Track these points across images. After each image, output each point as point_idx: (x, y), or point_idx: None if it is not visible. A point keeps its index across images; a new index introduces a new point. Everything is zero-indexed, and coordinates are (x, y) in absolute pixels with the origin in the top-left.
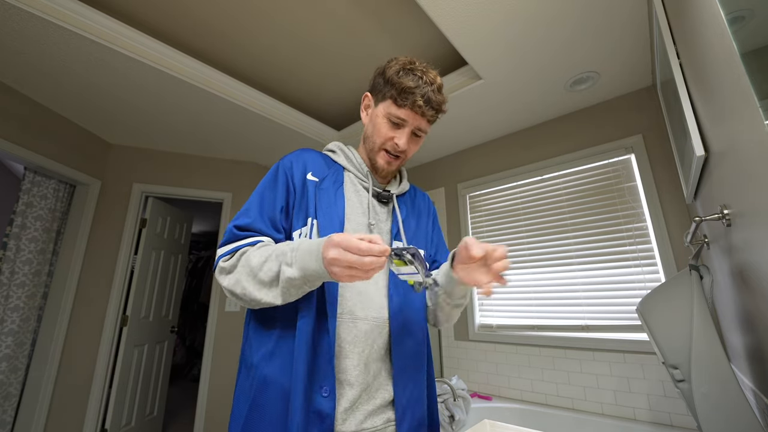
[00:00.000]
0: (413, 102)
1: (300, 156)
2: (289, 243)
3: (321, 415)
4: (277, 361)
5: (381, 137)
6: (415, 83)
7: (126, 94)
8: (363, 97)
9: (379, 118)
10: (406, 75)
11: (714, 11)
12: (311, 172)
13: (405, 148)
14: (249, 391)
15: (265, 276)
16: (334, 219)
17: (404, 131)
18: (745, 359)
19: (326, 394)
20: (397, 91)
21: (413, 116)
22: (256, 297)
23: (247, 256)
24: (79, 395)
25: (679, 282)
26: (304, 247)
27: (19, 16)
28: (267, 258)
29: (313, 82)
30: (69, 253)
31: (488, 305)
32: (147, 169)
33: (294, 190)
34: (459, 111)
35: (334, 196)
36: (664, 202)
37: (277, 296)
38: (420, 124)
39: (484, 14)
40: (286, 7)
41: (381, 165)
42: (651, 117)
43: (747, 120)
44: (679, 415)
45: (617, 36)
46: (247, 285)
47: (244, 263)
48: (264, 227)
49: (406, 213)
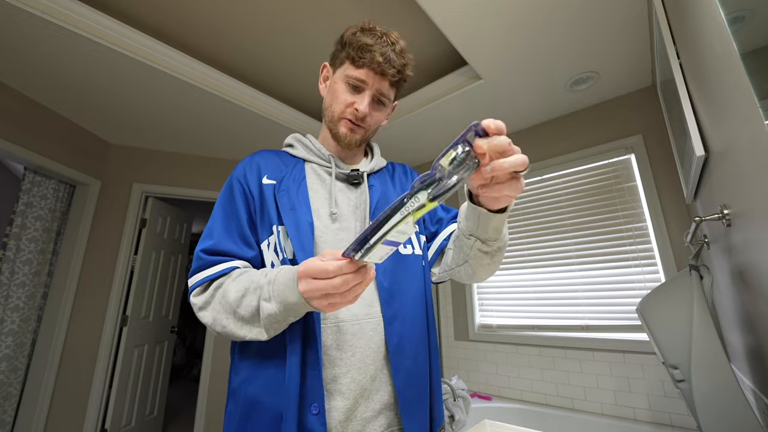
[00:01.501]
0: (371, 59)
1: (252, 161)
2: (265, 273)
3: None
4: (261, 381)
5: (340, 104)
6: (374, 41)
7: (126, 94)
8: (321, 68)
9: (338, 84)
10: (363, 34)
11: (714, 11)
12: (266, 175)
13: (366, 112)
14: (234, 415)
15: (245, 312)
16: (300, 221)
17: (365, 95)
18: (745, 359)
19: (316, 412)
20: (354, 49)
21: (373, 76)
22: (239, 335)
23: (222, 290)
24: (79, 395)
25: (679, 282)
26: (281, 278)
27: (19, 16)
28: (245, 292)
29: (313, 82)
30: (69, 253)
31: (488, 305)
32: (147, 169)
33: (252, 198)
34: (459, 111)
35: (296, 195)
36: (664, 202)
37: (261, 332)
38: (381, 86)
39: (484, 14)
40: (286, 7)
41: (343, 133)
42: (651, 117)
43: (747, 120)
44: (679, 415)
45: (617, 36)
46: (227, 323)
47: (220, 299)
48: (233, 246)
49: (381, 190)
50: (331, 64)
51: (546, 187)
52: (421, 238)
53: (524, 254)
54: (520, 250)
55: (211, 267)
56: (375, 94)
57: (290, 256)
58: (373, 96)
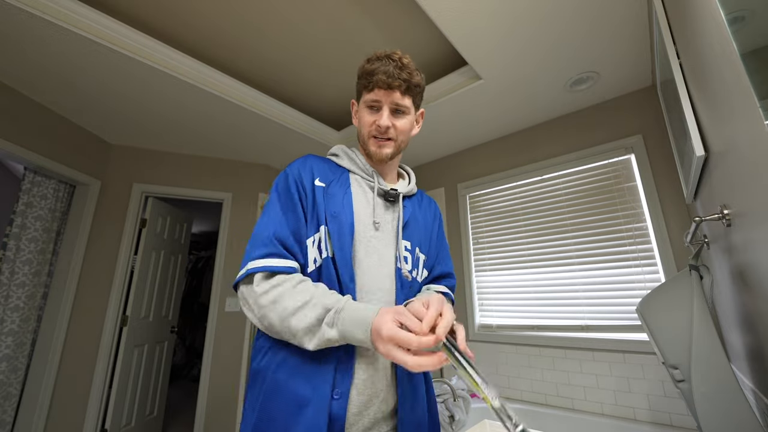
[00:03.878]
0: (377, 79)
1: (305, 163)
2: (328, 295)
3: (332, 417)
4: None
5: (365, 126)
6: (377, 65)
7: (126, 94)
8: (351, 104)
9: (361, 111)
10: (369, 63)
11: (714, 11)
12: (318, 177)
13: (387, 124)
14: (258, 396)
15: (297, 323)
16: (343, 225)
17: (383, 111)
18: (745, 359)
19: (338, 397)
20: (363, 78)
21: (383, 93)
22: (282, 335)
23: (280, 292)
24: (79, 395)
25: (679, 282)
26: (350, 315)
27: (20, 17)
28: (303, 305)
29: (313, 82)
30: (69, 253)
31: (488, 305)
32: (147, 169)
33: (305, 196)
34: (459, 111)
35: (342, 200)
36: (664, 202)
37: (307, 344)
38: (393, 98)
39: (483, 14)
40: (286, 8)
41: (374, 151)
42: (651, 117)
43: (747, 120)
44: (679, 415)
45: (617, 36)
46: (274, 323)
47: (276, 298)
48: (294, 245)
49: (411, 212)
50: (357, 100)
51: (546, 187)
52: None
53: (524, 254)
54: (520, 250)
55: (280, 258)
56: (391, 106)
57: (331, 255)
58: (390, 109)
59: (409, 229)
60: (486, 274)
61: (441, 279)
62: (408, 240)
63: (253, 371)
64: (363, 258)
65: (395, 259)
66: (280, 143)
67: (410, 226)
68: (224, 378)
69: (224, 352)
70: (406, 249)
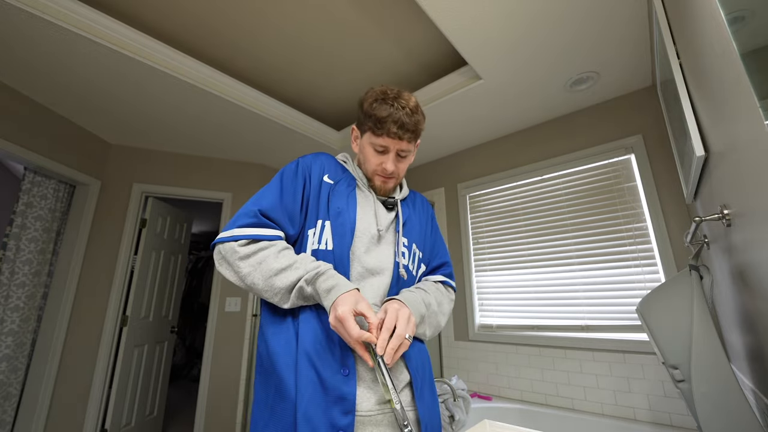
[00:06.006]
0: (388, 130)
1: (318, 157)
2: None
3: (341, 395)
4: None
5: (371, 165)
6: (387, 112)
7: (126, 94)
8: (351, 130)
9: (366, 148)
10: (379, 105)
11: (714, 11)
12: (327, 174)
13: (392, 169)
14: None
15: (281, 282)
16: (346, 223)
17: (389, 156)
18: (745, 359)
19: (346, 374)
20: (373, 122)
21: (392, 142)
22: (263, 295)
23: (265, 255)
24: (79, 395)
25: (679, 282)
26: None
27: (19, 17)
28: (288, 266)
29: (313, 83)
30: (69, 253)
31: (488, 305)
32: (147, 169)
33: (310, 188)
34: (459, 111)
35: (346, 199)
36: (664, 202)
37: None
38: (400, 146)
39: (484, 14)
40: (286, 8)
41: (378, 185)
42: (651, 117)
43: (747, 120)
44: (679, 415)
45: (617, 36)
46: (257, 282)
47: (261, 260)
48: (282, 219)
49: (408, 215)
50: (358, 127)
51: (546, 187)
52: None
53: (524, 254)
54: (520, 250)
55: (263, 228)
56: (397, 152)
57: (330, 248)
58: (396, 153)
59: (407, 228)
60: (486, 274)
61: (438, 269)
62: (406, 237)
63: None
64: (362, 255)
65: (394, 254)
66: (280, 143)
67: (407, 226)
68: (224, 378)
69: (224, 352)
70: (404, 245)
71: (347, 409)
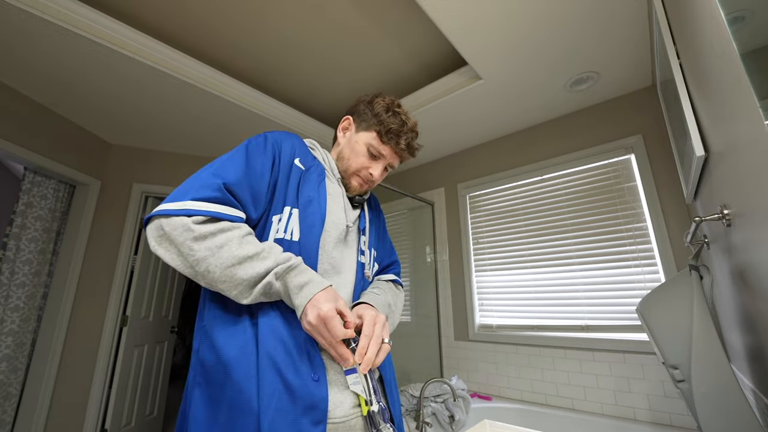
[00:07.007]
0: (396, 143)
1: (289, 137)
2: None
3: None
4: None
5: (357, 164)
6: (400, 126)
7: (126, 94)
8: (343, 119)
9: (359, 146)
10: (393, 116)
11: (714, 11)
12: (299, 158)
13: (378, 178)
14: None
15: (245, 273)
16: (316, 213)
17: (380, 164)
18: (745, 359)
19: (317, 378)
20: (384, 128)
21: (392, 154)
22: (217, 286)
23: (226, 238)
24: (79, 395)
25: (679, 282)
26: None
27: (19, 17)
28: (255, 254)
29: (313, 82)
30: (69, 253)
31: (488, 305)
32: (147, 169)
33: (279, 168)
34: (459, 111)
35: (317, 189)
36: (664, 202)
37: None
38: (394, 162)
39: (484, 14)
40: (286, 8)
41: (354, 187)
42: (651, 117)
43: (747, 120)
44: (679, 415)
45: (617, 36)
46: (214, 270)
47: (221, 245)
48: (246, 198)
49: (371, 216)
50: (355, 120)
51: (546, 187)
52: (375, 266)
53: (524, 254)
54: (520, 250)
55: (226, 206)
56: (387, 165)
57: (296, 238)
58: (385, 166)
59: (368, 229)
60: (486, 274)
61: (388, 268)
62: (367, 237)
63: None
64: (330, 250)
65: (356, 254)
66: None
67: (371, 228)
68: None
69: None
70: (364, 244)
71: (318, 419)
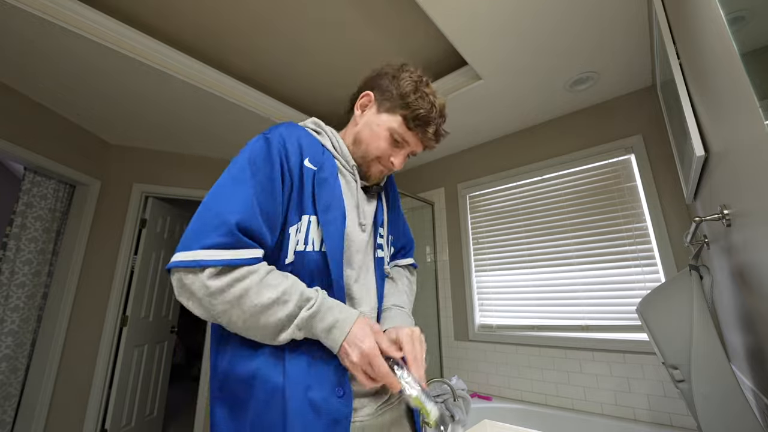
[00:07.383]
0: (424, 132)
1: (292, 134)
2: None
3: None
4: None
5: (378, 150)
6: (429, 111)
7: (126, 94)
8: (362, 94)
9: (381, 129)
10: (422, 99)
11: (714, 11)
12: (308, 158)
13: (399, 167)
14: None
15: (267, 321)
16: (337, 219)
17: (403, 151)
18: (745, 359)
19: (341, 394)
20: (412, 114)
21: (416, 142)
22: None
23: (246, 286)
24: (79, 395)
25: (679, 282)
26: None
27: (19, 16)
28: (275, 301)
29: (312, 82)
30: (69, 253)
31: (488, 305)
32: (147, 169)
33: (290, 178)
34: (459, 111)
35: (333, 189)
36: (664, 202)
37: (273, 342)
38: (418, 149)
39: (484, 15)
40: (286, 8)
41: (374, 175)
42: (651, 117)
43: (747, 120)
44: (679, 415)
45: (617, 36)
46: (237, 320)
47: (241, 294)
48: (261, 229)
49: (388, 203)
50: (377, 98)
51: (546, 187)
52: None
53: (524, 254)
54: (520, 250)
55: (240, 249)
56: (410, 152)
57: (318, 248)
58: (410, 153)
59: (386, 221)
60: (486, 274)
61: (403, 250)
62: (385, 229)
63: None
64: (354, 253)
65: (374, 248)
66: None
67: (389, 218)
68: None
69: None
70: (381, 236)
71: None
